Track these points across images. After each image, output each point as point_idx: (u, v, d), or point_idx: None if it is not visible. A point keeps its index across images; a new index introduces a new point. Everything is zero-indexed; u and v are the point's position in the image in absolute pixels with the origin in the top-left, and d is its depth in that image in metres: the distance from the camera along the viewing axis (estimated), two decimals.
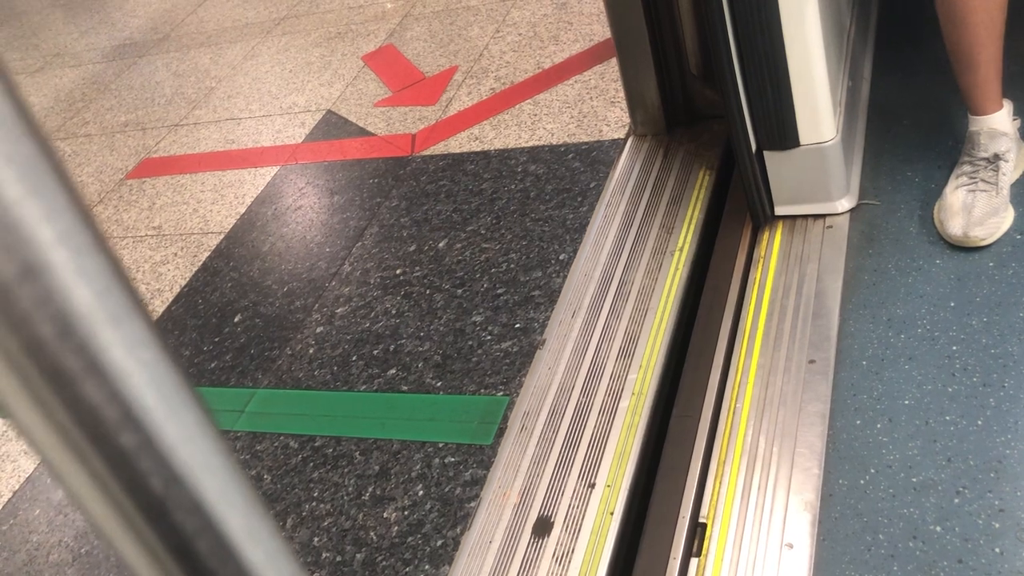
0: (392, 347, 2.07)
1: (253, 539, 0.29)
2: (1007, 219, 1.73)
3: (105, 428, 0.25)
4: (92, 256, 0.24)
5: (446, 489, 1.70)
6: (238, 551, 0.29)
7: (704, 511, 1.46)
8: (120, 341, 0.24)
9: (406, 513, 1.69)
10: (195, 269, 2.62)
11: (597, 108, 2.65)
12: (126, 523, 0.27)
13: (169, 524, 0.27)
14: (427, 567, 1.58)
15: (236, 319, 2.36)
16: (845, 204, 1.88)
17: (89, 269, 0.24)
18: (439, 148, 2.73)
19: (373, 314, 2.18)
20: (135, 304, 0.25)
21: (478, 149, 2.66)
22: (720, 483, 1.48)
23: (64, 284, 0.23)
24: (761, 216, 1.90)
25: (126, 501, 0.26)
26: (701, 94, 2.25)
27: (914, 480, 1.40)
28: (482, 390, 1.87)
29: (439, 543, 1.61)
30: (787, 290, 1.76)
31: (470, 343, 1.99)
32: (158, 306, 2.52)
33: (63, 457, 0.25)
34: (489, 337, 1.99)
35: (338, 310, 2.24)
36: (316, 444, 1.91)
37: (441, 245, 2.32)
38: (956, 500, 1.36)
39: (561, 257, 2.13)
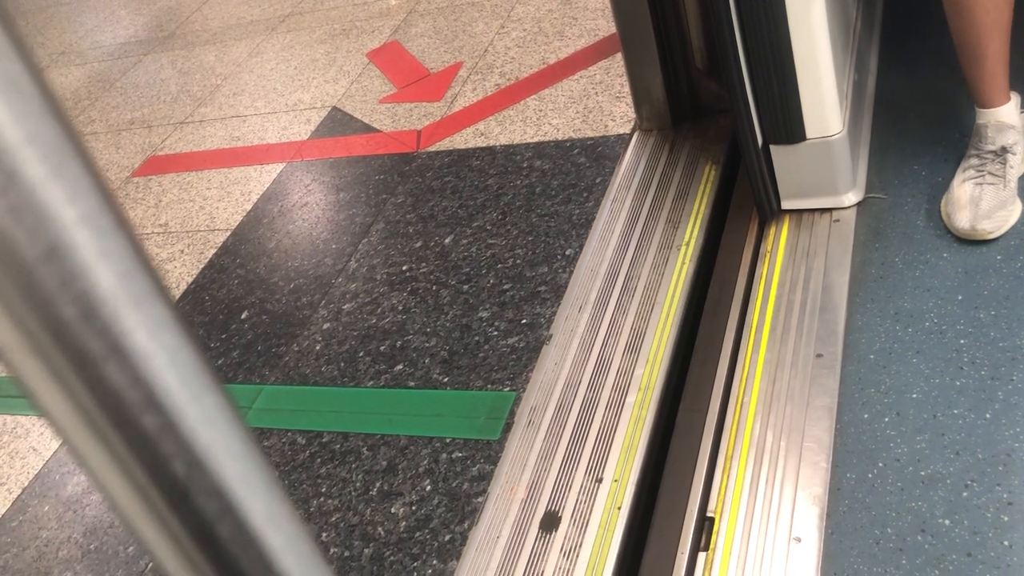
0: (399, 343, 2.07)
1: (274, 524, 0.29)
2: (1015, 212, 1.72)
3: (128, 410, 0.25)
4: (115, 238, 0.24)
5: (453, 484, 1.70)
6: (259, 535, 0.29)
7: (712, 505, 1.46)
8: (142, 323, 0.25)
9: (413, 508, 1.69)
10: (202, 266, 2.62)
11: (602, 103, 2.64)
12: (148, 506, 0.27)
13: (191, 507, 0.27)
14: (435, 562, 1.59)
15: (243, 316, 2.36)
16: (852, 198, 1.87)
17: (112, 251, 0.24)
18: (444, 144, 2.73)
19: (380, 310, 2.19)
20: (157, 287, 0.25)
21: (483, 145, 2.66)
22: (728, 477, 1.48)
23: (87, 265, 0.23)
24: (768, 210, 1.89)
25: (148, 484, 0.26)
26: (707, 88, 2.24)
27: (922, 474, 1.40)
28: (489, 385, 1.87)
29: (447, 538, 1.62)
30: (794, 284, 1.76)
31: (477, 339, 1.99)
32: None
33: (86, 440, 0.25)
34: (496, 333, 1.99)
35: (345, 306, 2.24)
36: (324, 440, 1.91)
37: (447, 241, 2.32)
38: (965, 494, 1.36)
39: (567, 252, 2.13)
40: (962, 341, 1.57)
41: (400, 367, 2.01)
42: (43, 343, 0.23)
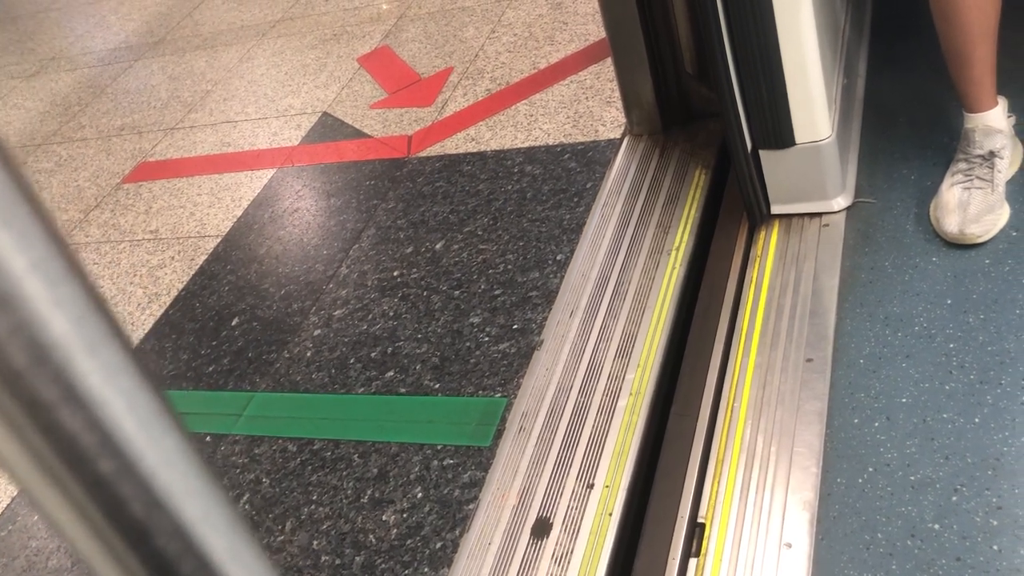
0: (390, 349, 2.07)
1: (236, 560, 0.29)
2: (1003, 216, 1.73)
3: (83, 455, 0.25)
4: (67, 284, 0.24)
5: (445, 491, 1.70)
6: (221, 573, 0.29)
7: (703, 511, 1.46)
8: (97, 369, 0.24)
9: (405, 515, 1.69)
10: (192, 273, 2.61)
11: (593, 108, 2.65)
12: (107, 548, 0.27)
13: (151, 548, 0.27)
14: (426, 569, 1.58)
15: (234, 322, 2.36)
16: (841, 202, 1.88)
17: (64, 298, 0.23)
18: (435, 149, 2.73)
19: (371, 316, 2.18)
20: (112, 331, 0.25)
21: (474, 150, 2.66)
22: (718, 482, 1.48)
23: (38, 313, 0.23)
24: (757, 215, 1.90)
25: (106, 527, 0.26)
26: (697, 93, 2.25)
27: (912, 478, 1.40)
28: (480, 391, 1.87)
29: (438, 545, 1.61)
30: (784, 289, 1.76)
31: (468, 344, 1.99)
32: (155, 310, 2.52)
33: (42, 484, 0.25)
34: (487, 338, 1.99)
35: (335, 313, 2.24)
36: (315, 447, 1.91)
37: (438, 247, 2.32)
38: (954, 498, 1.36)
39: (558, 257, 2.13)
40: (951, 345, 1.57)
41: (391, 373, 2.00)
42: None
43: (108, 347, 0.25)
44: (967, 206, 1.71)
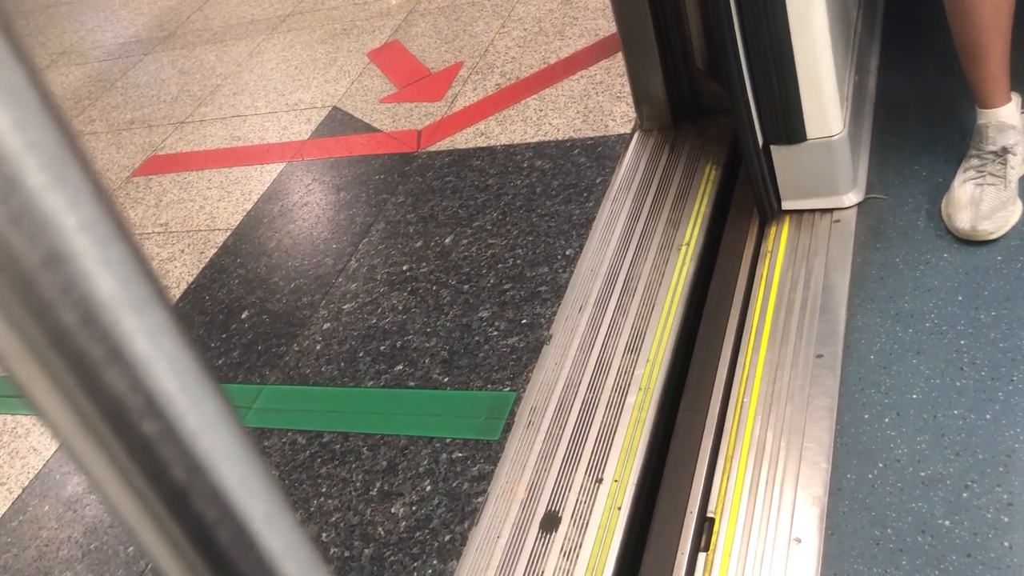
0: (399, 343, 2.07)
1: (273, 528, 0.29)
2: (1015, 213, 1.72)
3: (128, 416, 0.25)
4: (115, 244, 0.24)
5: (453, 484, 1.70)
6: (258, 539, 0.29)
7: (712, 506, 1.46)
8: (142, 329, 0.25)
9: (414, 508, 1.69)
10: (202, 266, 2.62)
11: (603, 103, 2.64)
12: (147, 511, 0.27)
13: (190, 512, 0.27)
14: (435, 562, 1.59)
15: (243, 315, 2.36)
16: (852, 198, 1.87)
17: (112, 257, 0.24)
18: (445, 144, 2.73)
19: (380, 310, 2.19)
20: (157, 293, 0.25)
21: (484, 145, 2.66)
22: (728, 478, 1.48)
23: (87, 272, 0.23)
24: (768, 210, 1.89)
25: (148, 489, 0.26)
26: (707, 88, 2.24)
27: (922, 474, 1.40)
28: (489, 386, 1.87)
29: (447, 538, 1.62)
30: (794, 285, 1.76)
31: (477, 339, 1.99)
32: None
33: (86, 445, 0.25)
34: (496, 333, 1.99)
35: (345, 306, 2.25)
36: (324, 440, 1.91)
37: (447, 241, 2.32)
38: (965, 494, 1.36)
39: (567, 252, 2.13)
40: (962, 342, 1.57)
41: (400, 367, 2.01)
42: (43, 349, 0.23)
43: (153, 308, 0.25)
44: (979, 202, 1.70)
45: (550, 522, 1.52)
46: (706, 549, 1.41)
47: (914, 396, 1.52)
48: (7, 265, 0.22)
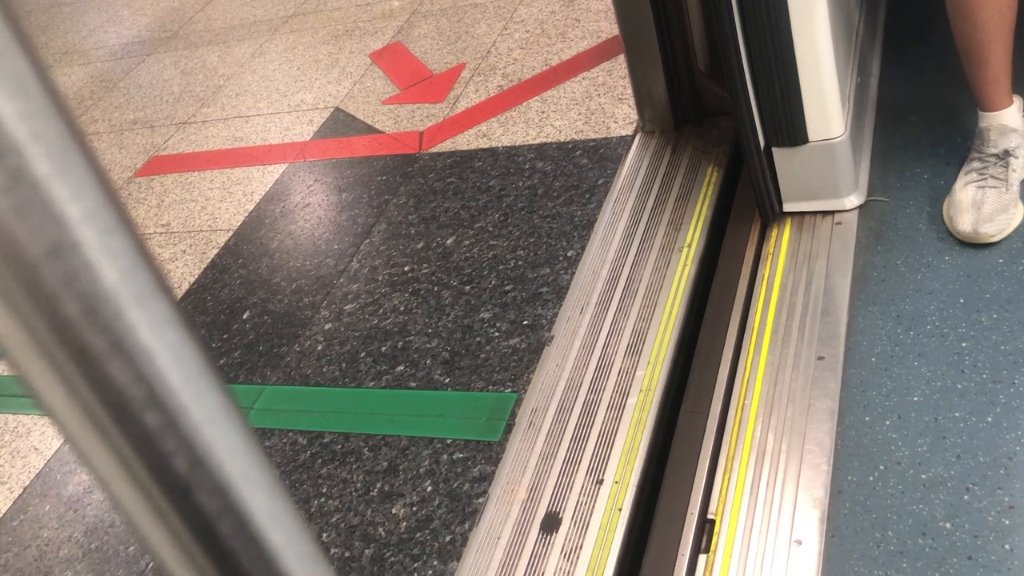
0: (400, 344, 2.07)
1: (274, 521, 0.29)
2: (1017, 216, 1.72)
3: (130, 408, 0.25)
4: (118, 235, 0.24)
5: (454, 485, 1.70)
6: (259, 532, 0.29)
7: (712, 507, 1.45)
8: (145, 321, 0.25)
9: (414, 509, 1.69)
10: (204, 266, 2.62)
11: (605, 105, 2.64)
12: (149, 503, 0.27)
13: (192, 504, 0.27)
14: (435, 563, 1.59)
15: (245, 316, 2.36)
16: (854, 201, 1.87)
17: (115, 248, 0.24)
18: (447, 145, 2.74)
19: (381, 311, 2.19)
20: (160, 284, 0.26)
21: (486, 146, 2.66)
22: (728, 480, 1.48)
23: (91, 262, 0.23)
24: (769, 213, 1.89)
25: (150, 481, 0.26)
26: (709, 91, 2.24)
27: (923, 477, 1.40)
28: (490, 387, 1.87)
29: (447, 539, 1.62)
30: (796, 287, 1.76)
31: (478, 340, 1.99)
32: None
33: (88, 437, 0.25)
34: (497, 334, 1.99)
35: (346, 307, 2.25)
36: (325, 440, 1.91)
37: (449, 242, 2.32)
38: (966, 497, 1.35)
39: (569, 254, 2.13)
40: (964, 344, 1.57)
41: (401, 368, 2.01)
42: (46, 340, 0.24)
43: (156, 300, 0.25)
44: (981, 205, 1.70)
45: (551, 523, 1.51)
46: (707, 551, 1.41)
47: (915, 398, 1.51)
48: (11, 255, 0.22)
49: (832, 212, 1.88)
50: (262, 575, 0.29)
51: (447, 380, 1.93)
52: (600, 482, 1.54)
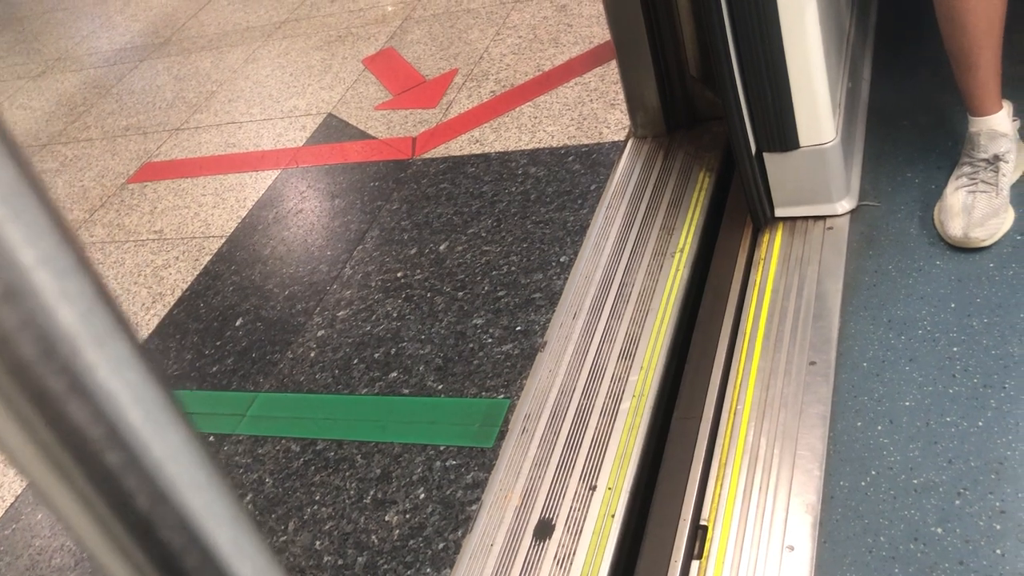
0: (393, 350, 2.07)
1: (241, 553, 0.29)
2: (1007, 220, 1.72)
3: (90, 448, 0.25)
4: (75, 278, 0.24)
5: (447, 492, 1.70)
6: (225, 566, 0.29)
7: (705, 513, 1.46)
8: (104, 361, 0.25)
9: (407, 516, 1.69)
10: (197, 273, 2.62)
11: (597, 110, 2.65)
12: (112, 541, 0.27)
13: (156, 541, 0.27)
14: (428, 570, 1.58)
15: (238, 323, 2.36)
16: (845, 205, 1.88)
17: (72, 291, 0.24)
18: (440, 151, 2.74)
19: (374, 317, 2.19)
20: (119, 324, 0.25)
21: (478, 152, 2.66)
22: (721, 485, 1.48)
23: (47, 306, 0.23)
24: (761, 217, 1.90)
25: (112, 520, 0.26)
26: (701, 96, 2.25)
27: (915, 482, 1.40)
28: (483, 393, 1.87)
29: (440, 546, 1.61)
30: (787, 292, 1.76)
31: (471, 346, 1.99)
32: (160, 310, 2.53)
33: (48, 477, 0.25)
34: (490, 340, 1.99)
35: (339, 313, 2.24)
36: (318, 447, 1.91)
37: (442, 248, 2.32)
38: (957, 502, 1.36)
39: (562, 259, 2.14)
40: (955, 349, 1.57)
41: (394, 374, 2.01)
42: (2, 381, 0.23)
43: (115, 340, 0.25)
44: (971, 210, 1.71)
45: (544, 529, 1.51)
46: (699, 557, 1.41)
47: (907, 403, 1.52)
48: None
49: (824, 217, 1.88)
50: None
51: (440, 386, 1.93)
52: (593, 488, 1.54)
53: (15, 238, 0.22)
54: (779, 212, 1.91)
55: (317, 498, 1.80)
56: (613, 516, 1.49)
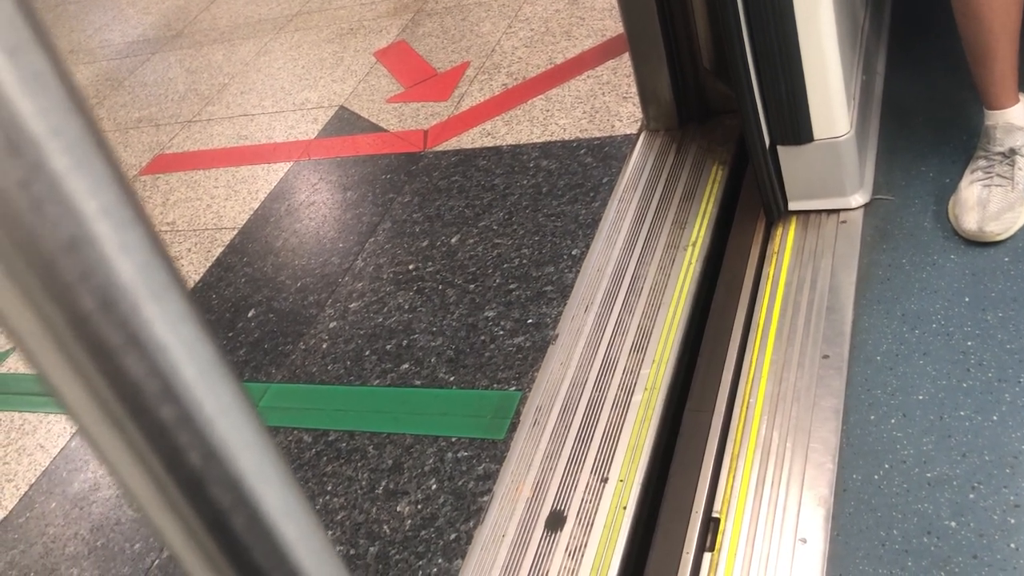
0: (405, 342, 2.07)
1: (287, 515, 0.29)
2: (1023, 214, 1.72)
3: (145, 401, 0.25)
4: (134, 230, 0.24)
5: (459, 483, 1.70)
6: (272, 527, 0.29)
7: (717, 506, 1.46)
8: (160, 315, 0.25)
9: (419, 507, 1.69)
10: (209, 264, 2.63)
11: (609, 103, 2.64)
12: (163, 496, 0.27)
13: (206, 498, 0.27)
14: (440, 561, 1.59)
15: (250, 314, 2.37)
16: (859, 199, 1.87)
17: (131, 243, 0.24)
18: (451, 144, 2.74)
19: (386, 309, 2.19)
20: (175, 279, 0.26)
21: (490, 145, 2.66)
22: (733, 478, 1.48)
23: (107, 257, 0.23)
24: (775, 211, 1.89)
25: (164, 474, 0.26)
26: (714, 89, 2.24)
27: (928, 475, 1.40)
28: (495, 385, 1.87)
29: (452, 537, 1.62)
30: (801, 285, 1.75)
31: (483, 338, 1.99)
32: None
33: (103, 430, 0.26)
34: (501, 332, 1.99)
35: (351, 305, 2.25)
36: (330, 438, 1.92)
37: (453, 241, 2.33)
38: (971, 495, 1.35)
39: (573, 252, 2.13)
40: (969, 343, 1.57)
41: (406, 366, 2.01)
42: (63, 333, 0.24)
43: (171, 294, 0.25)
44: (987, 203, 1.70)
45: (555, 521, 1.52)
46: (711, 549, 1.41)
47: (920, 397, 1.51)
48: (29, 249, 0.22)
49: (837, 210, 1.88)
50: (274, 569, 0.29)
51: (452, 378, 1.93)
52: (605, 480, 1.55)
53: (79, 189, 0.23)
54: (792, 205, 1.90)
55: (329, 488, 1.80)
56: (625, 508, 1.49)
